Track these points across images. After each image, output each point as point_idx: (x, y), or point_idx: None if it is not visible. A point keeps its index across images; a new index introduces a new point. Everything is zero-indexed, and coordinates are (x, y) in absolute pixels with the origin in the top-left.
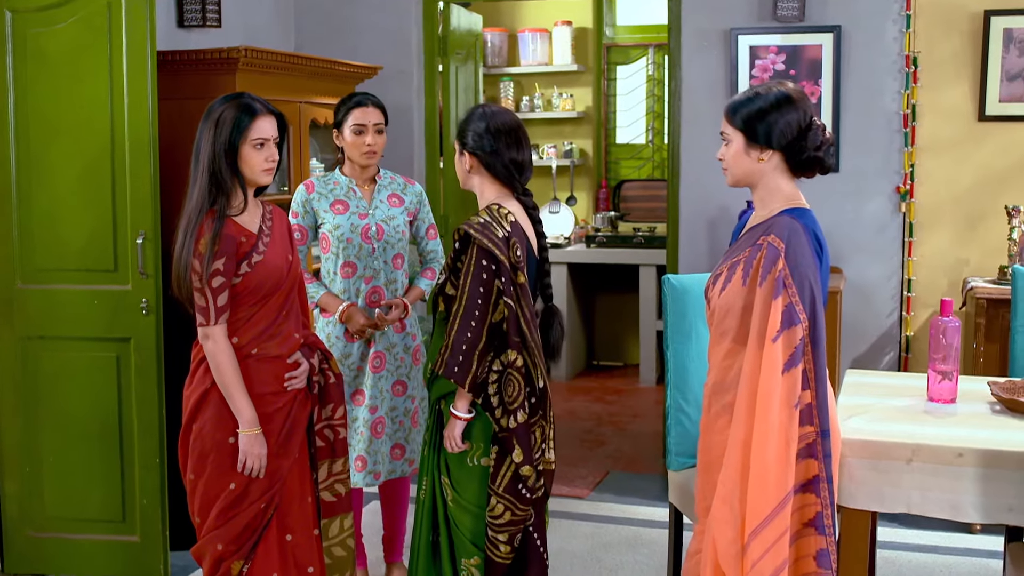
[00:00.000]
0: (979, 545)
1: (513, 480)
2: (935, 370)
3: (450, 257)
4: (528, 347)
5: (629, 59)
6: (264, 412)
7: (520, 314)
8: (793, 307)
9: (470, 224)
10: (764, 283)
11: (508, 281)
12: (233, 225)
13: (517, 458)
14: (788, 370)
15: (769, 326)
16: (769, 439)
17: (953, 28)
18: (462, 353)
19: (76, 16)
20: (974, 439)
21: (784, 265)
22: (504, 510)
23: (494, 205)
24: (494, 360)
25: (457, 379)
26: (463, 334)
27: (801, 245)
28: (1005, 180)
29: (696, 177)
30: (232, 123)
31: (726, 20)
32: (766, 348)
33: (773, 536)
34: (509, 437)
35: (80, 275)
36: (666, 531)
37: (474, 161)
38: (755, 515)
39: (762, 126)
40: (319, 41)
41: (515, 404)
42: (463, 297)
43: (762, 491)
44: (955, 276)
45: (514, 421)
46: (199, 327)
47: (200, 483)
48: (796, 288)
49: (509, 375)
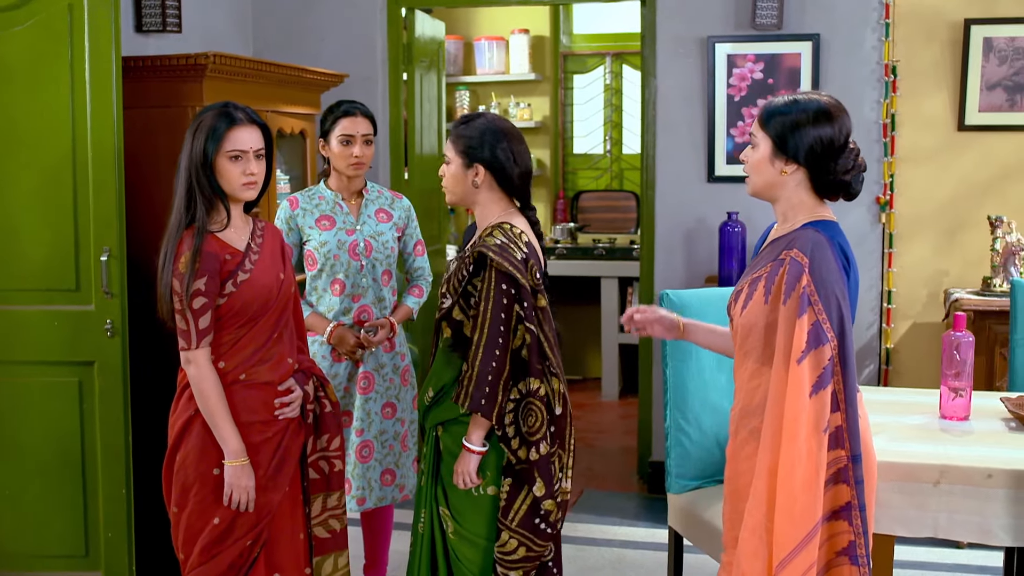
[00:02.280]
0: (969, 561)
1: (530, 514)
2: (948, 387)
3: (458, 280)
4: (552, 373)
5: (586, 68)
6: (252, 442)
7: (544, 339)
8: (820, 325)
9: (487, 246)
10: (788, 301)
11: (530, 306)
12: (215, 242)
13: (539, 491)
14: (816, 392)
15: (794, 346)
16: (796, 466)
17: (933, 37)
18: (488, 384)
19: (35, 19)
20: (1003, 459)
21: (809, 281)
22: (518, 546)
23: (505, 224)
24: (512, 388)
25: (484, 412)
26: (488, 364)
27: (826, 259)
28: (985, 190)
29: (672, 188)
30: (208, 132)
31: (703, 28)
32: (791, 370)
33: (802, 568)
34: (529, 469)
35: (39, 295)
36: (651, 552)
37: (487, 175)
38: (782, 546)
39: (793, 138)
40: (278, 48)
41: (537, 435)
42: (485, 325)
43: (789, 521)
44: (935, 287)
45: (536, 453)
46: (181, 351)
47: (183, 516)
48: (822, 305)
49: (529, 404)
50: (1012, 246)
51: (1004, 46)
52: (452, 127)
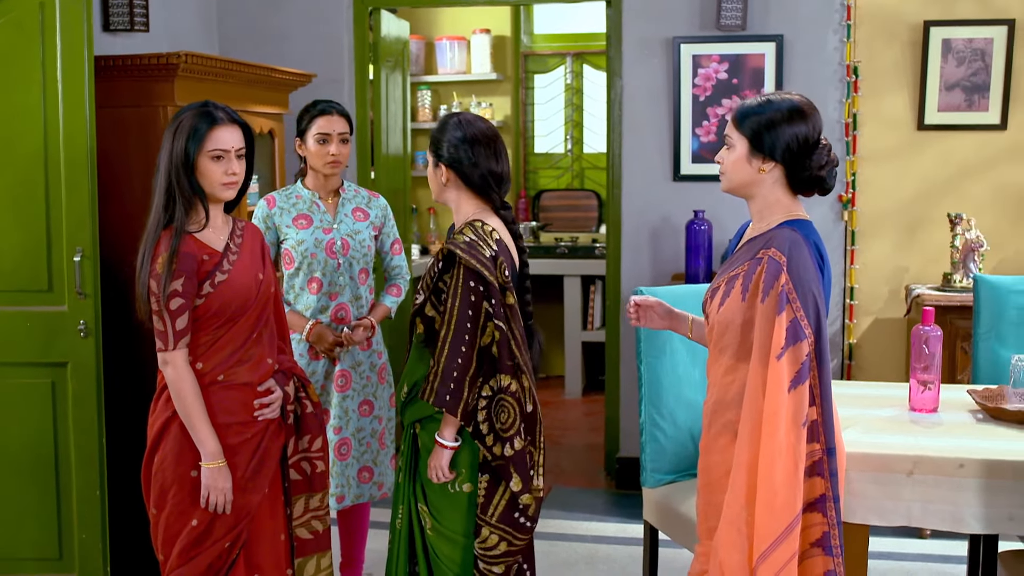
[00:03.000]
0: (933, 550)
1: (508, 509)
2: (917, 380)
3: (430, 276)
4: (521, 370)
5: (547, 68)
6: (230, 443)
7: (511, 336)
8: (798, 322)
9: (455, 243)
10: (767, 299)
11: (498, 303)
12: (193, 242)
13: (516, 487)
14: (795, 387)
15: (774, 343)
16: (777, 460)
17: (893, 38)
18: (453, 380)
19: (5, 17)
20: (973, 449)
21: (787, 279)
22: (499, 541)
23: (477, 222)
24: (483, 385)
25: (449, 408)
26: (453, 360)
27: (803, 258)
28: (944, 189)
29: (638, 187)
30: (188, 132)
31: (668, 29)
32: (771, 366)
33: (783, 559)
34: (505, 465)
35: (11, 296)
36: (623, 547)
37: (450, 174)
38: (763, 538)
39: (768, 136)
40: (244, 48)
41: (511, 431)
42: (451, 321)
43: (770, 513)
44: (896, 284)
45: (510, 448)
46: (158, 352)
47: (162, 518)
48: (800, 302)
49: (502, 401)
50: (971, 243)
51: (962, 47)
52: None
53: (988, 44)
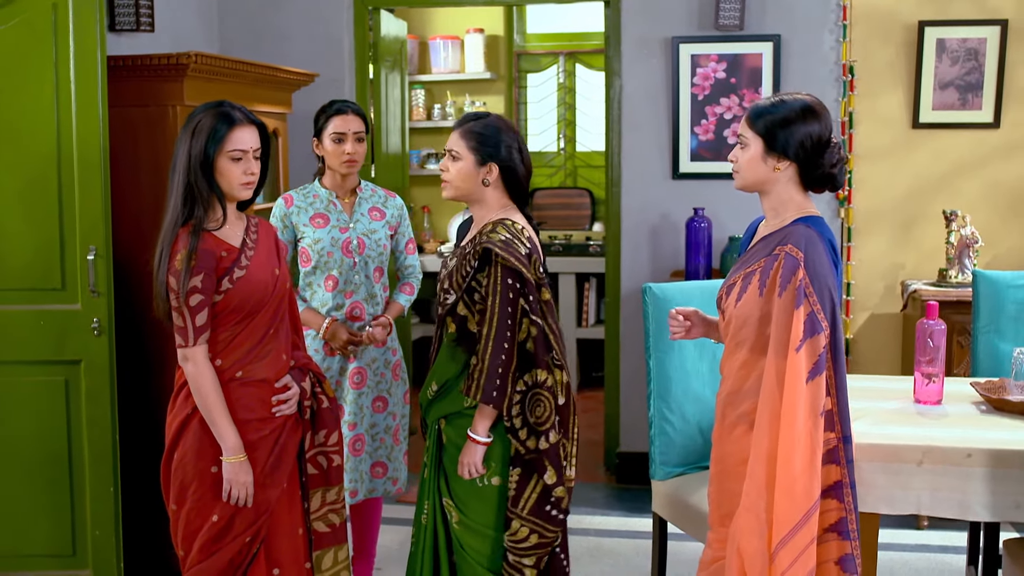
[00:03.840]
0: (929, 541)
1: (540, 502)
2: (922, 373)
3: (461, 276)
4: (557, 365)
5: (540, 67)
6: (249, 440)
7: (549, 331)
8: (815, 315)
9: (492, 242)
10: (784, 293)
11: (535, 299)
12: (211, 240)
13: (550, 479)
14: (812, 378)
15: (792, 336)
16: (796, 448)
17: (888, 38)
18: (499, 377)
19: (18, 18)
20: (980, 439)
21: (804, 275)
22: (530, 533)
23: (507, 220)
24: (517, 380)
25: (496, 404)
26: (497, 356)
27: (819, 254)
28: (938, 186)
29: (637, 185)
30: (208, 133)
31: (667, 28)
32: (790, 358)
33: (802, 544)
34: (539, 458)
35: (24, 295)
36: (626, 540)
37: (499, 173)
38: (783, 524)
39: (783, 135)
40: (244, 47)
41: (546, 424)
42: (493, 318)
43: (790, 500)
44: (892, 280)
45: (545, 442)
46: (178, 348)
47: (182, 514)
48: (817, 296)
49: (537, 395)
50: (966, 239)
51: (956, 47)
52: (462, 124)
53: (981, 44)
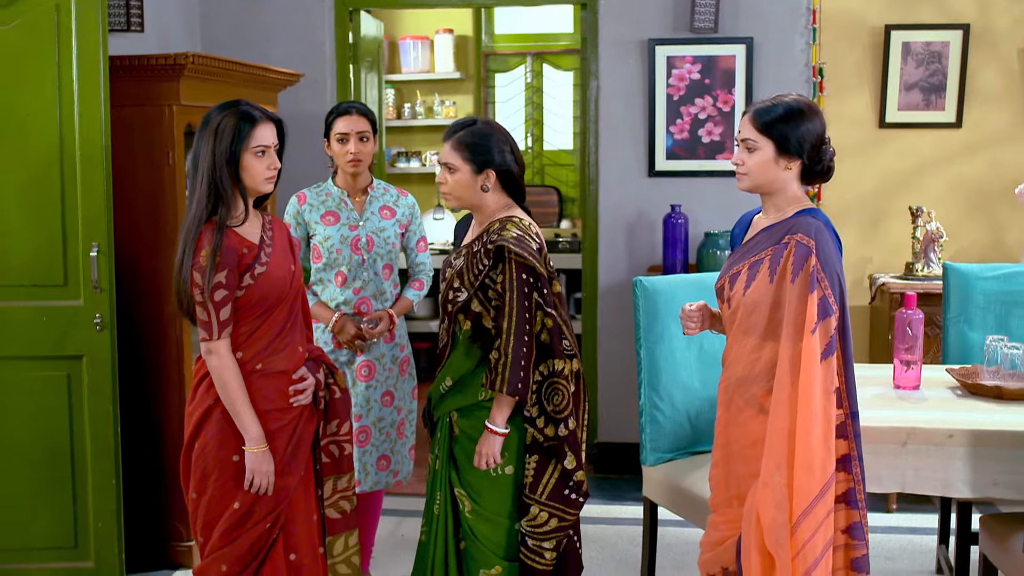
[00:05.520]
0: (899, 523)
1: (558, 487)
2: (901, 360)
3: (474, 273)
4: (570, 354)
5: (508, 67)
6: (269, 429)
7: (563, 322)
8: (827, 299)
9: (505, 240)
10: (797, 279)
11: (548, 293)
12: (234, 236)
13: (570, 464)
14: (826, 358)
15: (807, 319)
16: (813, 425)
17: (856, 41)
18: (522, 368)
19: (21, 19)
20: (961, 421)
21: (816, 261)
22: (549, 517)
23: (515, 218)
24: (534, 371)
25: (520, 395)
26: (519, 349)
27: (827, 242)
28: (904, 183)
29: (614, 183)
30: (233, 131)
31: (644, 31)
32: (806, 339)
33: (822, 514)
34: (559, 445)
35: (27, 291)
36: (611, 527)
37: (497, 178)
38: (804, 496)
39: (794, 136)
40: (226, 47)
41: (564, 412)
42: (512, 313)
43: (809, 473)
44: (860, 273)
45: (565, 429)
46: (202, 342)
47: (203, 502)
48: (828, 282)
49: (555, 384)
50: (932, 234)
51: (921, 50)
52: (452, 134)
53: (945, 47)
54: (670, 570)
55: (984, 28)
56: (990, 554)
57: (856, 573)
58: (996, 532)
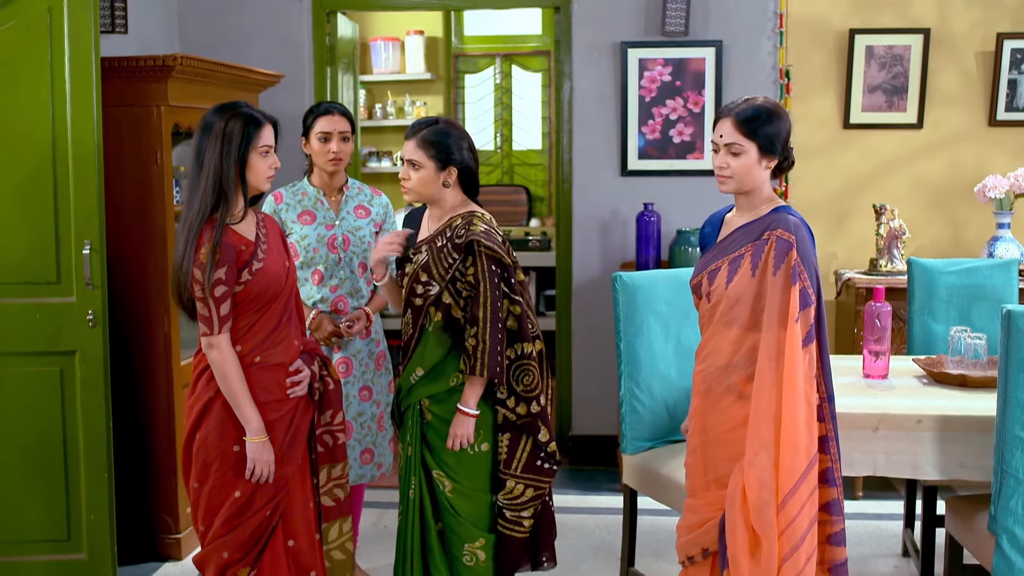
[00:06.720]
0: (866, 509)
1: (531, 459)
2: (869, 350)
3: (444, 267)
4: (535, 336)
5: (477, 68)
6: (268, 420)
7: (528, 308)
8: (807, 291)
9: (475, 235)
10: (779, 272)
11: (515, 281)
12: (232, 234)
13: (544, 437)
14: (806, 345)
15: (791, 309)
16: (798, 408)
17: (821, 45)
18: (498, 353)
19: (14, 20)
20: (928, 407)
21: (796, 255)
22: (525, 488)
23: (477, 212)
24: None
25: (499, 378)
26: (495, 335)
27: (805, 237)
28: (867, 182)
29: (587, 182)
30: (242, 135)
31: (616, 34)
32: (789, 328)
33: (806, 492)
34: (532, 421)
35: (20, 288)
36: (587, 516)
37: (457, 175)
38: (790, 476)
39: (776, 136)
40: (205, 49)
41: (536, 391)
42: (487, 303)
43: (795, 454)
44: (825, 269)
45: (537, 406)
46: (203, 336)
47: (204, 491)
48: (807, 274)
49: (525, 365)
50: (895, 231)
51: (883, 53)
52: (415, 133)
53: (906, 51)
54: (648, 556)
55: (944, 32)
56: (956, 534)
57: (834, 547)
58: (961, 512)
